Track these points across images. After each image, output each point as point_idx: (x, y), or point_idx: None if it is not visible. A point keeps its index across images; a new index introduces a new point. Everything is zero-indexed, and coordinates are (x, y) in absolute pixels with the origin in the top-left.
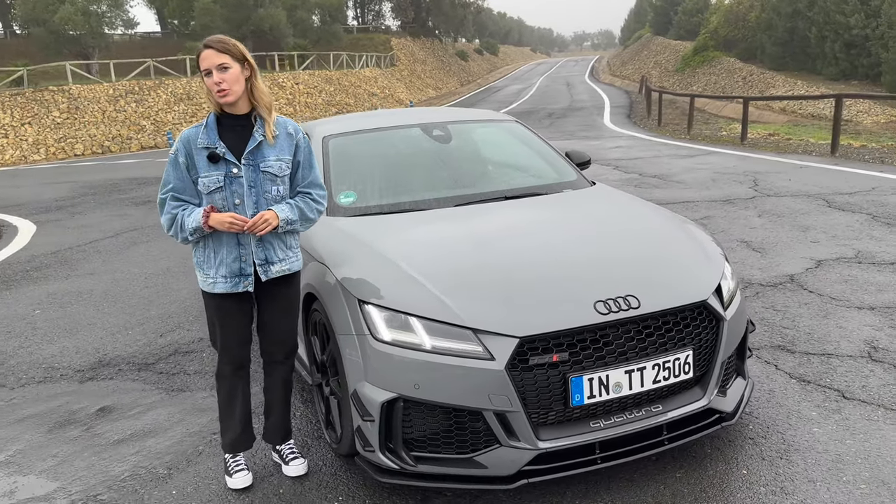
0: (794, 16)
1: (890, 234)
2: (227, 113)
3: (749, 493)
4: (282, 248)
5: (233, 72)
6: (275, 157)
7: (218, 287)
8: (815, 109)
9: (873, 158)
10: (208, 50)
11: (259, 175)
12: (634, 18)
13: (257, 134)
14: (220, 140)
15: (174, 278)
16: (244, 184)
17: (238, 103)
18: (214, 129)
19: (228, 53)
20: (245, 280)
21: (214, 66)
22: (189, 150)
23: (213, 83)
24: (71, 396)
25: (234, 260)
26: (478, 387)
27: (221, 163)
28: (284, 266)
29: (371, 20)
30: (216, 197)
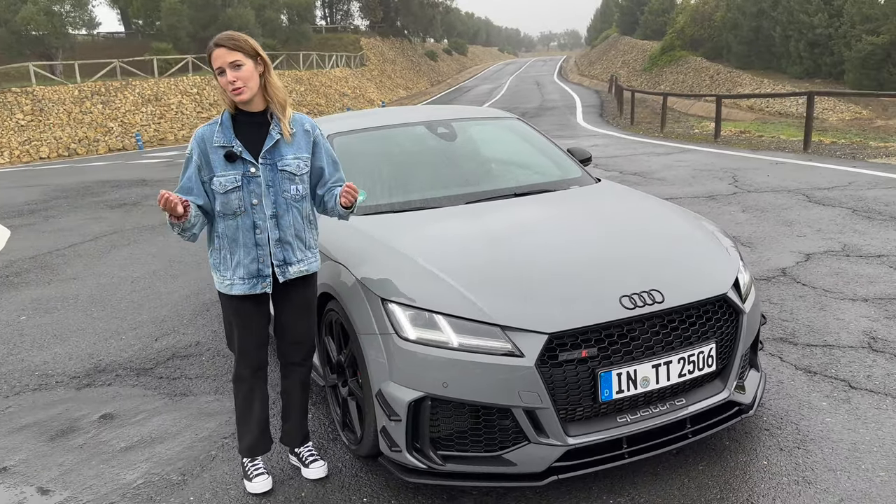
0: (759, 15)
1: (872, 228)
2: (243, 110)
3: (772, 483)
4: (300, 249)
5: (246, 69)
6: (293, 156)
7: (235, 289)
8: (781, 107)
9: (844, 154)
10: (220, 49)
11: (277, 174)
12: (601, 18)
13: (274, 132)
14: (236, 138)
15: (161, 282)
16: (262, 183)
17: (253, 100)
18: (230, 128)
19: (240, 50)
20: (263, 281)
21: (227, 65)
22: (204, 150)
23: (226, 82)
24: (70, 404)
25: (251, 261)
26: (507, 384)
27: (238, 162)
28: (303, 267)
29: (339, 20)
30: (232, 197)
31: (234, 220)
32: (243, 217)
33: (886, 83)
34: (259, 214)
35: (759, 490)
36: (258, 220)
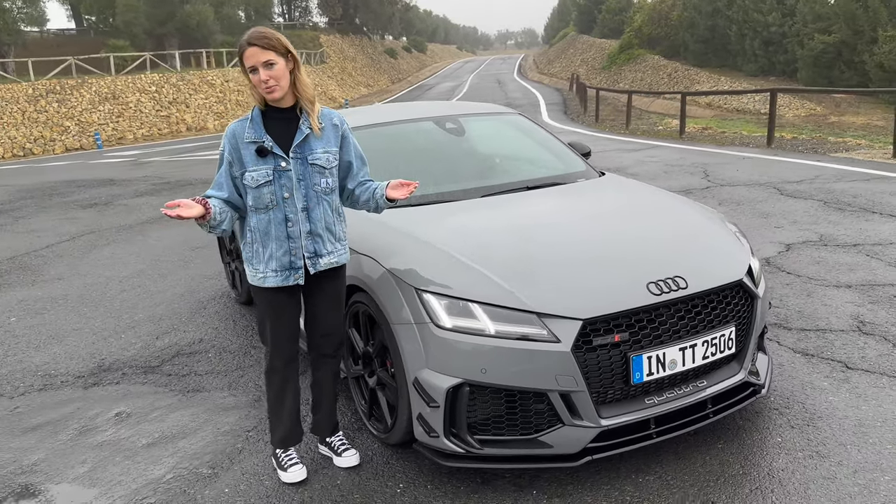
0: (715, 14)
1: (844, 219)
2: (272, 106)
3: (788, 458)
4: (331, 241)
5: (278, 67)
6: (322, 150)
7: (269, 281)
8: (739, 104)
9: (806, 149)
10: (252, 48)
11: (307, 168)
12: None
13: (304, 127)
14: (266, 134)
15: (151, 281)
16: (293, 177)
17: (283, 97)
18: (260, 123)
19: (273, 49)
20: (296, 273)
21: (260, 64)
22: (235, 145)
23: (259, 80)
24: (80, 403)
25: (283, 254)
26: (544, 369)
27: (269, 156)
28: (333, 259)
29: (298, 17)
30: (264, 191)
31: (265, 213)
32: (275, 211)
33: (837, 81)
34: (290, 208)
35: (777, 464)
36: (290, 213)
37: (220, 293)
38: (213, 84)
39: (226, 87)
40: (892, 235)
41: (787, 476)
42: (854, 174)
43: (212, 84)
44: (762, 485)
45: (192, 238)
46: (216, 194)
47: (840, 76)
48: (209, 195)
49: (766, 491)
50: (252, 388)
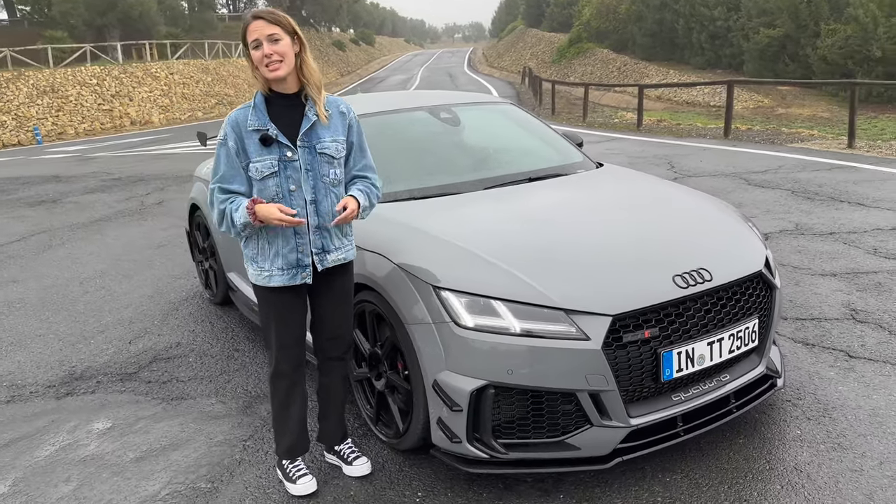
0: (662, 8)
1: (816, 208)
2: (276, 92)
3: (811, 451)
4: (338, 236)
5: (284, 43)
6: (330, 138)
7: (274, 280)
8: (688, 97)
9: (762, 140)
10: (258, 21)
11: (316, 157)
12: (505, 11)
13: (310, 114)
14: (270, 122)
15: (115, 282)
16: (300, 167)
17: (287, 80)
18: (264, 110)
19: (279, 25)
20: (303, 271)
21: (265, 37)
22: (238, 134)
23: (262, 55)
24: (55, 415)
25: (290, 251)
26: (574, 368)
27: (274, 146)
28: (340, 255)
29: (243, 8)
30: (269, 183)
31: None
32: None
33: (782, 73)
34: (298, 201)
35: (802, 458)
36: (297, 206)
37: (191, 294)
38: (157, 77)
39: (171, 80)
40: (864, 224)
41: (813, 470)
42: (815, 164)
43: (156, 77)
44: (791, 480)
45: (153, 236)
46: (239, 189)
47: (785, 69)
48: (232, 190)
49: (796, 486)
50: (241, 393)
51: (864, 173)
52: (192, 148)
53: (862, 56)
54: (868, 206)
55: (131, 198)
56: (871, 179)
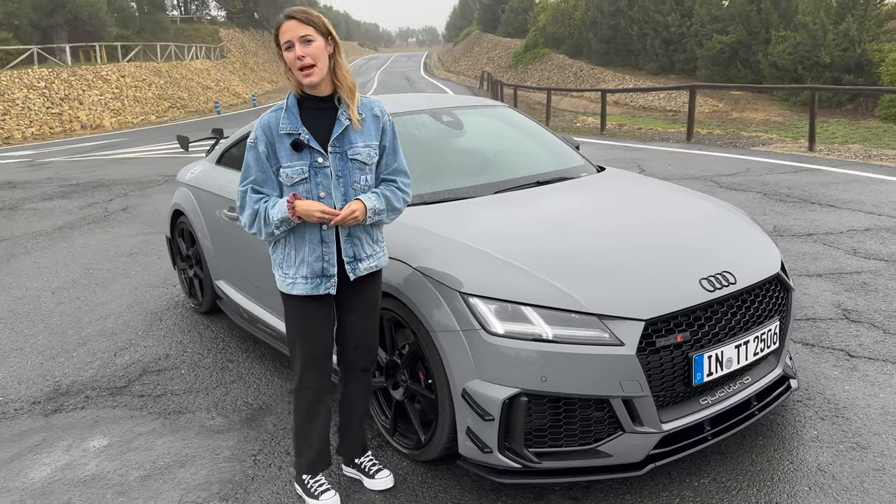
0: (617, 14)
1: (790, 210)
2: (309, 95)
3: (831, 451)
4: (369, 243)
5: (316, 45)
6: (363, 144)
7: (297, 288)
8: (644, 101)
9: (724, 143)
10: (291, 21)
11: (347, 163)
12: (460, 15)
13: (342, 118)
14: (302, 125)
15: (90, 291)
16: (331, 174)
17: (321, 83)
18: (296, 113)
19: (313, 25)
20: (328, 282)
21: (297, 38)
22: (270, 138)
23: (294, 57)
24: (45, 433)
25: (316, 259)
26: (608, 374)
27: (305, 151)
28: (372, 262)
29: (195, 10)
30: (300, 189)
31: None
32: None
33: (735, 78)
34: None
35: (823, 458)
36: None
37: (172, 303)
38: (108, 79)
39: (122, 83)
40: (839, 225)
41: (837, 470)
42: (781, 167)
43: (107, 79)
44: (817, 481)
45: (122, 244)
46: (270, 192)
47: (737, 74)
48: (263, 191)
49: (823, 487)
50: (242, 406)
51: (828, 175)
52: (152, 152)
53: (811, 62)
54: (839, 208)
55: (93, 204)
56: (837, 181)
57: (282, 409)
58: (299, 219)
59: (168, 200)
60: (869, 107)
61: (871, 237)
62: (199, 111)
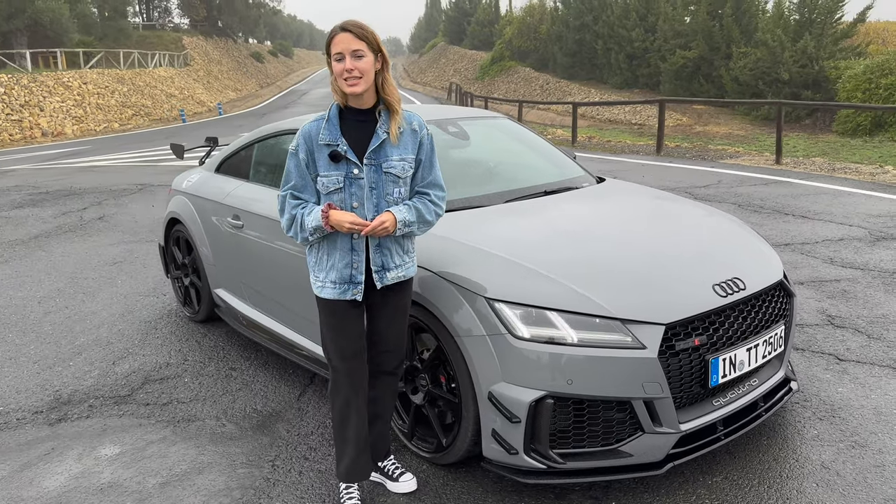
0: (582, 29)
1: (766, 220)
2: (351, 106)
3: (833, 449)
4: (399, 254)
5: (367, 61)
6: (398, 157)
7: (325, 292)
8: (610, 115)
9: (693, 156)
10: (345, 33)
11: (381, 176)
12: (425, 27)
13: (381, 131)
14: (341, 136)
15: (77, 301)
16: (364, 185)
17: (364, 96)
18: (336, 124)
19: (366, 41)
20: (354, 288)
21: (349, 52)
22: (310, 147)
23: (343, 69)
24: (53, 442)
25: (345, 266)
26: (631, 376)
27: (342, 162)
28: (401, 272)
29: (157, 18)
30: (334, 198)
31: None
32: None
33: (697, 92)
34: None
35: (826, 456)
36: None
37: (165, 311)
38: (69, 86)
39: (84, 90)
40: (814, 235)
41: (840, 467)
42: (751, 179)
43: (68, 86)
44: (823, 477)
45: (104, 253)
46: (309, 199)
47: (699, 88)
48: (302, 197)
49: (830, 483)
50: (251, 413)
51: (798, 188)
52: (120, 161)
53: (771, 78)
54: (811, 219)
55: (67, 213)
56: (806, 193)
57: (293, 416)
58: (332, 228)
59: (145, 209)
60: (826, 122)
61: (846, 247)
62: (163, 119)
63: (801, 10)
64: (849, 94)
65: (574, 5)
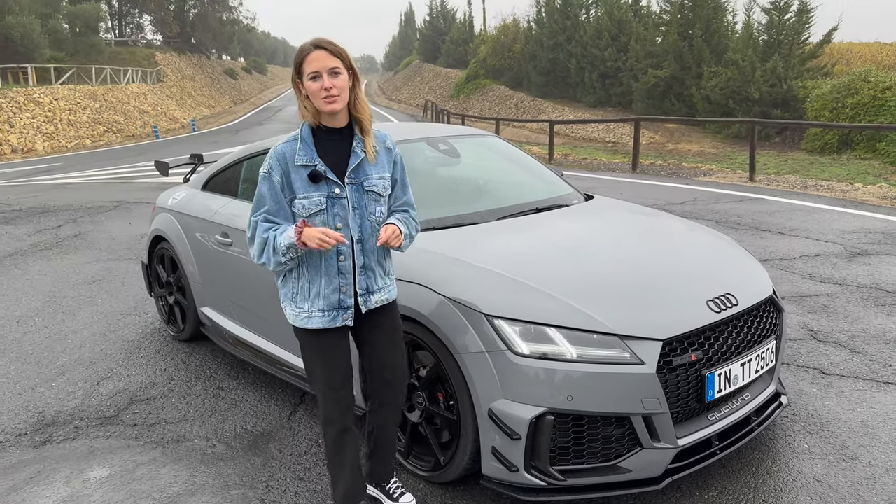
0: (556, 48)
1: (743, 237)
2: (324, 126)
3: (824, 462)
4: (381, 276)
5: (343, 78)
6: (378, 175)
7: (314, 322)
8: (584, 132)
9: (668, 173)
10: (320, 51)
11: (363, 195)
12: (399, 45)
13: (358, 150)
14: (318, 157)
15: (57, 319)
16: (347, 205)
17: (339, 115)
18: (311, 144)
19: (340, 57)
20: (344, 313)
21: (326, 70)
22: (285, 168)
23: (320, 87)
24: (39, 465)
25: (333, 291)
26: (631, 392)
27: (322, 182)
28: (384, 296)
29: (130, 33)
30: (316, 221)
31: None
32: None
33: (669, 111)
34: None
35: (817, 469)
36: (342, 245)
37: (148, 330)
38: (40, 102)
39: (55, 106)
40: (791, 251)
41: (832, 480)
42: (726, 196)
43: (39, 102)
44: (816, 490)
45: (83, 271)
46: (283, 222)
47: (671, 107)
48: (276, 221)
49: (823, 496)
50: (242, 433)
51: (773, 204)
52: (94, 178)
53: (742, 97)
54: (788, 235)
55: (42, 230)
56: (781, 210)
57: (284, 435)
58: (304, 245)
59: (122, 227)
60: (795, 140)
61: (823, 262)
62: (136, 135)
63: (769, 31)
64: (817, 112)
65: (547, 25)
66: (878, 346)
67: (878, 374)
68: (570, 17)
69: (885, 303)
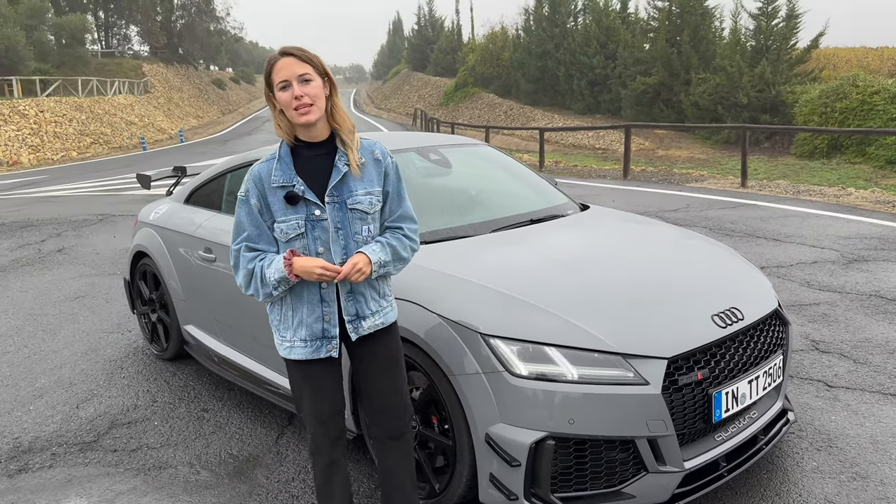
0: (544, 56)
1: (738, 244)
2: (303, 141)
3: (834, 482)
4: (374, 299)
5: (315, 85)
6: (364, 191)
7: (295, 352)
8: (574, 140)
9: (659, 180)
10: (287, 58)
11: (347, 214)
12: (388, 54)
13: (340, 164)
14: (297, 176)
15: (37, 339)
16: (329, 227)
17: (317, 127)
18: (290, 163)
19: (311, 63)
20: (328, 344)
21: (295, 77)
22: (261, 191)
23: (291, 97)
24: (13, 496)
25: (315, 320)
26: (635, 414)
27: (301, 204)
28: (378, 319)
29: (117, 45)
30: (296, 245)
31: None
32: None
33: (658, 117)
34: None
35: (829, 489)
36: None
37: (132, 349)
38: (25, 114)
39: (41, 118)
40: (787, 258)
41: (844, 501)
42: (719, 202)
43: (24, 114)
44: None
45: (65, 287)
46: (267, 248)
47: (660, 113)
48: (258, 248)
49: None
50: (227, 458)
51: (766, 210)
52: (79, 191)
53: (730, 102)
54: (784, 242)
55: (25, 245)
56: (775, 216)
57: (271, 461)
58: (297, 278)
59: (106, 241)
60: (785, 145)
61: (820, 269)
62: (123, 147)
63: (756, 37)
64: (805, 117)
65: (536, 33)
66: (882, 356)
67: (885, 386)
68: (558, 25)
69: (886, 311)
